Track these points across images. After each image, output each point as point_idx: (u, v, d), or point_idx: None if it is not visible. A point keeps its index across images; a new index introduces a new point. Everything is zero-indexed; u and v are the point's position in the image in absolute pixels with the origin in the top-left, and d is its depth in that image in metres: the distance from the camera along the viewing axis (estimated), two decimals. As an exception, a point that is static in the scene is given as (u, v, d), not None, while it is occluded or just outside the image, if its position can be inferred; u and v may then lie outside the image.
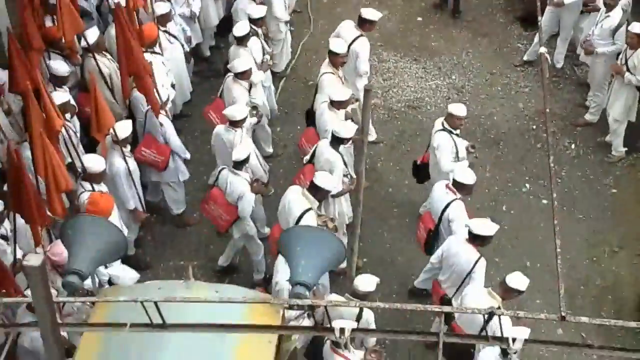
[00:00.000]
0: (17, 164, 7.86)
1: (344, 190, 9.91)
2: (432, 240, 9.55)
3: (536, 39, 13.02)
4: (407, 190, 11.34)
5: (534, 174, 11.57)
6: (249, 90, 10.78)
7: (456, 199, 9.29)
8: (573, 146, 11.97)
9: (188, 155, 10.62)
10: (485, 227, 8.76)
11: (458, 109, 10.06)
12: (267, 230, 10.28)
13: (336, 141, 9.62)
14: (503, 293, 8.28)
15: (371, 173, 11.52)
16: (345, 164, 9.82)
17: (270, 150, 11.69)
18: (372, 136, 11.75)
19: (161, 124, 10.17)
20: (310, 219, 8.85)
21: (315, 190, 9.07)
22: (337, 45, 10.85)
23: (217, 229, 10.09)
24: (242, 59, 10.80)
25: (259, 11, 11.55)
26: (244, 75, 10.61)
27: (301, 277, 6.00)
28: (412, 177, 11.11)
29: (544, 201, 11.17)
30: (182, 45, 11.83)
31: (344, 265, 8.18)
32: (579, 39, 12.59)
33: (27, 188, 7.93)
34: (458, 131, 10.16)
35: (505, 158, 11.76)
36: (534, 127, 12.25)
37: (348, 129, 9.58)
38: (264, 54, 11.45)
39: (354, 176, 9.94)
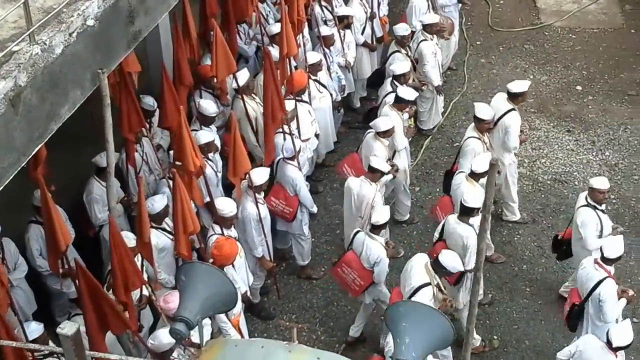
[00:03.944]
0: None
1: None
2: (577, 316, 9.06)
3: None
4: (543, 269, 10.81)
5: (683, 267, 10.81)
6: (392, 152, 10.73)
7: (607, 277, 8.84)
8: None
9: (315, 209, 10.56)
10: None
11: (600, 182, 9.71)
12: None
13: (465, 212, 9.30)
14: None
15: (507, 246, 11.12)
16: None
17: (406, 216, 11.49)
18: (516, 216, 11.39)
19: (291, 175, 10.17)
20: (427, 294, 8.56)
21: (438, 267, 8.77)
22: (482, 110, 10.59)
23: (350, 294, 9.83)
24: (386, 118, 10.73)
25: (401, 68, 11.49)
26: (385, 134, 10.53)
27: (404, 355, 5.78)
28: (550, 255, 10.72)
29: (693, 297, 10.39)
30: (331, 95, 11.89)
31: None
32: None
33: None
34: (603, 207, 9.76)
35: (653, 246, 11.07)
36: (690, 215, 11.49)
37: (477, 199, 9.25)
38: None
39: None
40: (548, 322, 10.14)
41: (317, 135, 11.34)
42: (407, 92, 11.00)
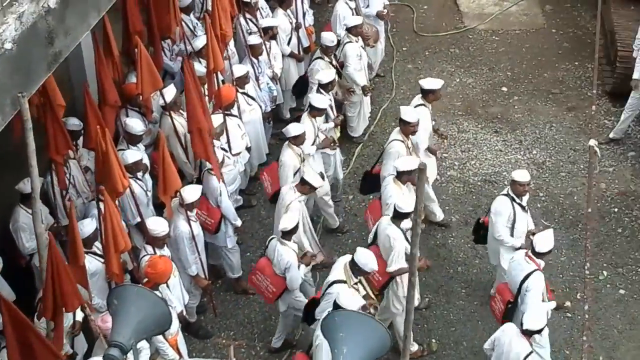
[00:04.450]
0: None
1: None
2: (512, 312, 9.16)
3: (623, 117, 12.59)
4: (478, 270, 10.94)
5: (612, 261, 11.00)
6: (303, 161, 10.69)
7: (537, 269, 8.99)
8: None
9: (238, 223, 10.38)
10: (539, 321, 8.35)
11: (520, 175, 9.87)
12: None
13: (398, 216, 9.37)
14: None
15: (441, 249, 11.23)
16: (407, 240, 9.45)
17: (336, 223, 11.47)
18: (438, 216, 11.50)
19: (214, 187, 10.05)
20: (339, 290, 8.56)
21: (354, 266, 8.82)
22: (407, 113, 10.68)
23: (265, 301, 9.83)
24: (298, 124, 10.73)
25: (327, 76, 11.44)
26: (296, 139, 10.50)
27: (343, 365, 5.78)
28: (484, 255, 10.87)
29: (622, 291, 10.62)
30: (261, 107, 11.85)
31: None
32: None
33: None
34: (524, 201, 9.85)
35: (582, 242, 11.14)
36: (616, 209, 11.71)
37: (411, 204, 9.28)
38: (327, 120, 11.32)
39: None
40: (485, 322, 10.24)
41: (248, 149, 11.30)
42: (318, 100, 11.02)
